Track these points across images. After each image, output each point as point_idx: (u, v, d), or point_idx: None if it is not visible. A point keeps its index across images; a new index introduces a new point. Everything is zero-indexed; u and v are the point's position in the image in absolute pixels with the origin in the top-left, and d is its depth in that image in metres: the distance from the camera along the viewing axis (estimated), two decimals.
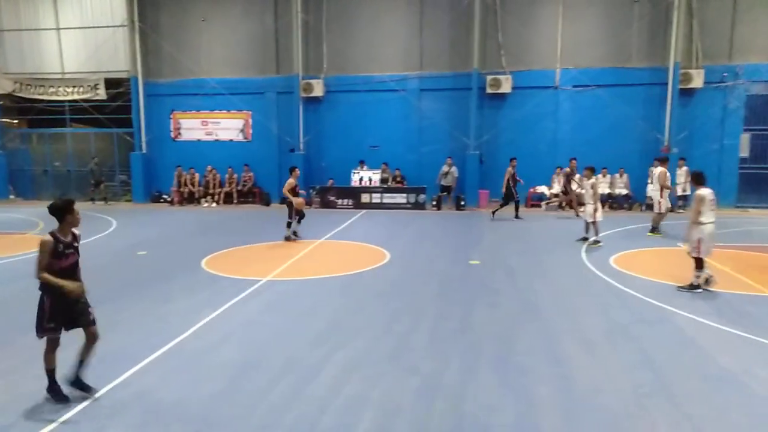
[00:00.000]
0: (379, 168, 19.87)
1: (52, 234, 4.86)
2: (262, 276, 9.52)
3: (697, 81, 18.15)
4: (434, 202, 19.11)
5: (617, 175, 18.79)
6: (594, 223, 12.36)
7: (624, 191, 18.64)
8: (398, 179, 19.84)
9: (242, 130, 21.67)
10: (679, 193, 17.98)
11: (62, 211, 4.91)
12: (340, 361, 5.90)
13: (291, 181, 12.89)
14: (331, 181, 20.07)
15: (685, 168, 17.88)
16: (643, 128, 18.75)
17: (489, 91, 19.25)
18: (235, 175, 21.10)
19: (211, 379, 5.45)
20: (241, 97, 21.24)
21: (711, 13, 18.23)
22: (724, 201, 18.60)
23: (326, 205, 19.51)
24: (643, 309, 7.74)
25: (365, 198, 19.33)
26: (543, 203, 18.92)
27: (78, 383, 5.03)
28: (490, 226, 15.45)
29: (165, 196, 21.60)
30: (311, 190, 19.78)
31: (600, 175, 13.85)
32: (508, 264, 10.63)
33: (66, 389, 5.00)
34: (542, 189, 19.21)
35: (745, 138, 18.54)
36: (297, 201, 12.91)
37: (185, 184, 21.17)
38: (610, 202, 18.35)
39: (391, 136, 20.49)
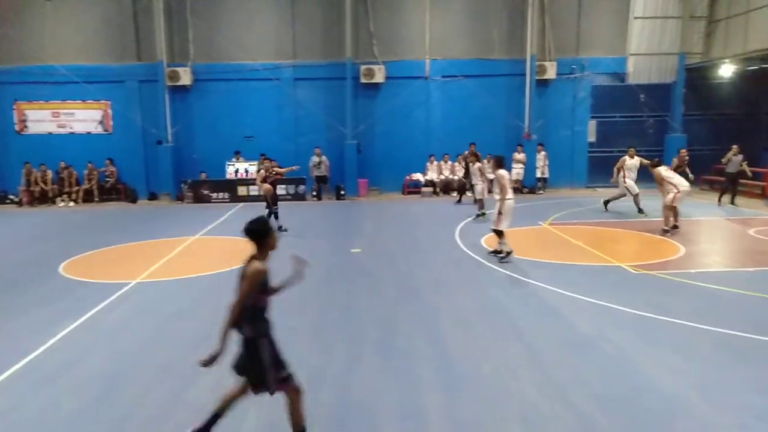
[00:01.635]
0: (256, 159, 19.31)
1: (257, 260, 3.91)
2: (130, 278, 8.86)
3: (551, 72, 19.74)
4: (314, 193, 19.00)
5: (485, 161, 19.91)
6: (481, 200, 13.96)
7: (491, 176, 19.80)
8: (271, 170, 19.39)
9: (101, 122, 19.91)
10: (539, 175, 19.50)
11: (265, 234, 4.01)
12: (222, 362, 5.67)
13: (261, 173, 12.88)
14: (203, 174, 19.14)
15: (543, 153, 19.40)
16: (506, 116, 20.04)
17: (363, 80, 19.45)
18: (96, 171, 19.36)
19: (75, 395, 4.99)
20: (97, 86, 19.45)
21: (560, 10, 19.86)
22: (576, 182, 20.57)
23: (200, 199, 18.60)
24: (512, 285, 8.32)
25: (242, 191, 18.69)
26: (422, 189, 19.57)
27: None
28: (370, 214, 15.69)
29: (12, 197, 19.28)
30: (183, 185, 18.75)
31: (485, 161, 15.19)
32: (389, 250, 10.88)
33: None
34: (417, 176, 19.85)
35: (592, 124, 20.55)
36: (264, 187, 12.65)
37: (36, 183, 19.03)
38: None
39: (266, 126, 19.97)
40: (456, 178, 19.15)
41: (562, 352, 5.79)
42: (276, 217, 12.56)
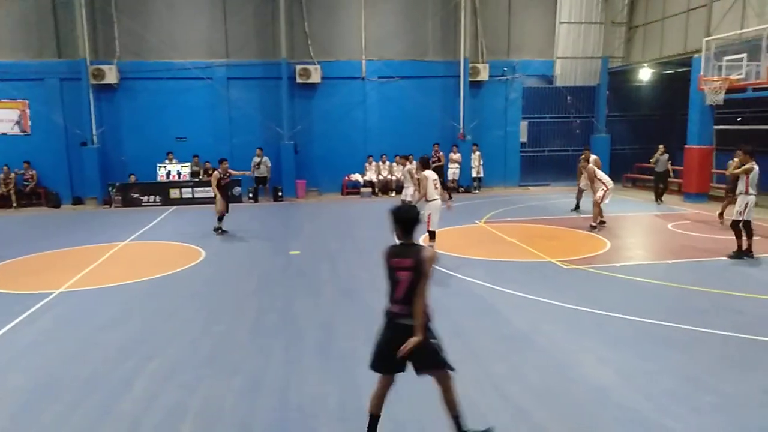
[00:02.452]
0: (189, 161, 18.71)
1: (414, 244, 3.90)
2: (53, 288, 8.37)
3: (484, 74, 20.24)
4: (251, 195, 18.62)
5: (417, 163, 20.16)
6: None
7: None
8: (210, 172, 18.87)
9: (18, 122, 18.68)
10: (474, 175, 19.96)
11: (416, 222, 3.95)
12: (154, 371, 5.46)
13: (215, 174, 12.48)
14: (132, 176, 18.35)
15: (478, 153, 19.87)
16: (442, 117, 20.38)
17: (299, 80, 19.23)
18: (13, 174, 18.13)
19: None
20: (13, 84, 18.24)
21: (491, 14, 20.40)
22: (510, 181, 21.20)
23: (129, 203, 17.81)
24: (449, 283, 8.46)
25: (174, 193, 18.05)
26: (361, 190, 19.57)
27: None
28: (309, 215, 15.55)
29: None
30: (110, 189, 17.89)
31: (417, 162, 14.97)
32: (328, 251, 10.82)
33: None
34: (356, 176, 19.85)
35: (523, 125, 21.23)
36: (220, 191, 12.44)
37: None
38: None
39: (199, 127, 19.37)
40: (394, 178, 19.30)
41: (498, 348, 5.94)
42: (220, 219, 12.55)
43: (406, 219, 3.95)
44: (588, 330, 6.39)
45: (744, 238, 9.33)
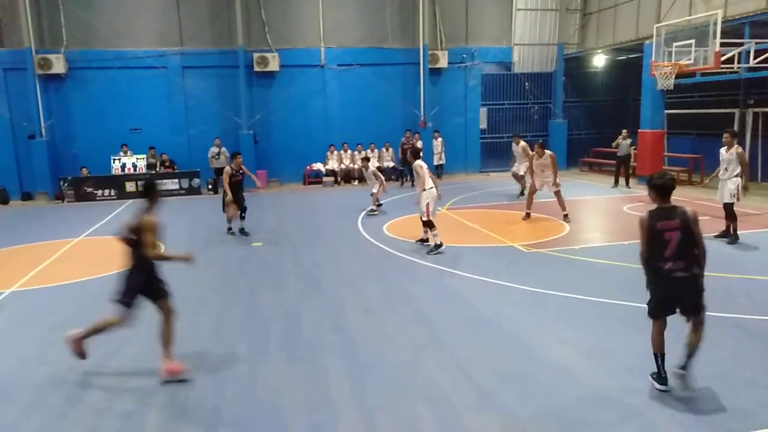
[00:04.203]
0: (144, 153, 18.17)
1: None
2: (4, 288, 8.04)
3: (443, 61, 20.30)
4: (210, 186, 18.23)
5: (383, 149, 20.15)
6: (373, 194, 13.40)
7: (391, 164, 20.08)
8: (167, 164, 18.41)
9: None
10: (436, 162, 20.04)
11: (672, 188, 4.53)
12: (114, 371, 5.32)
13: (227, 170, 11.11)
14: (85, 170, 17.69)
15: (440, 140, 19.93)
16: (402, 104, 20.37)
17: (257, 69, 18.87)
18: None
19: None
20: None
21: (449, 1, 20.43)
22: (470, 167, 21.42)
23: (82, 197, 17.19)
24: (413, 269, 8.51)
25: (130, 187, 17.51)
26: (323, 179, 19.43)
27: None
28: (270, 206, 15.33)
29: None
30: (62, 183, 17.23)
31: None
32: (291, 242, 10.72)
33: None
34: (318, 166, 19.68)
35: (483, 112, 21.44)
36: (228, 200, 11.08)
37: None
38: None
39: (154, 117, 18.81)
40: (356, 167, 19.23)
41: (463, 332, 6.01)
42: (242, 218, 11.47)
43: (661, 185, 4.48)
44: (550, 312, 6.54)
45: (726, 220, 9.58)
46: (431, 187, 9.40)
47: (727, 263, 8.12)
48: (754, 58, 13.41)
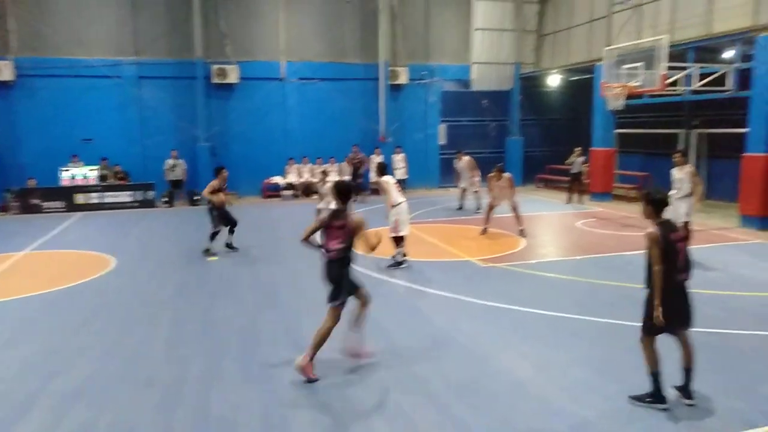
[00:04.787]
0: (96, 164, 17.61)
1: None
2: None
3: (403, 78, 20.56)
4: (165, 199, 17.80)
5: (344, 164, 20.15)
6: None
7: (358, 180, 20.04)
8: (120, 175, 17.89)
9: None
10: (399, 177, 20.11)
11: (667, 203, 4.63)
12: (59, 390, 5.10)
13: (213, 183, 10.72)
14: (32, 180, 16.99)
15: (402, 155, 20.04)
16: (363, 120, 20.48)
17: (215, 80, 18.65)
18: None
19: None
20: None
21: (409, 18, 20.77)
22: (430, 182, 21.65)
23: (29, 209, 16.48)
24: (370, 284, 8.45)
25: (80, 199, 16.91)
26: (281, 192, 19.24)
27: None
28: None
29: None
30: (7, 194, 16.51)
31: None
32: (248, 256, 10.56)
33: None
34: (277, 179, 19.51)
35: (442, 128, 21.77)
36: (218, 198, 10.65)
37: None
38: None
39: (107, 128, 18.27)
40: (316, 180, 19.10)
41: (420, 347, 6.04)
42: (212, 239, 10.70)
43: (660, 200, 4.58)
44: (505, 326, 6.64)
45: None
46: (400, 203, 9.31)
47: None
48: (698, 82, 14.13)
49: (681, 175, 9.69)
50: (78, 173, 17.27)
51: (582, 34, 19.56)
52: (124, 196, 17.34)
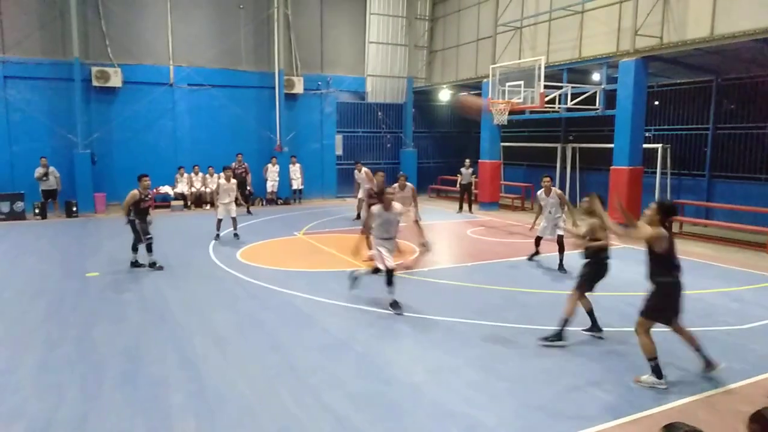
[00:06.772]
0: None
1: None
2: None
3: (299, 87, 20.45)
4: (37, 210, 16.24)
5: (223, 173, 19.48)
6: (234, 218, 12.79)
7: (247, 188, 19.52)
8: None
9: None
10: (295, 187, 19.92)
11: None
12: None
13: (134, 192, 9.77)
14: None
15: (298, 165, 19.83)
16: (257, 128, 20.07)
17: (96, 83, 17.41)
18: None
19: None
20: None
21: (304, 28, 20.73)
22: (327, 192, 21.66)
23: None
24: (267, 296, 8.33)
25: None
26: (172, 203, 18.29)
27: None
28: (109, 232, 14.06)
29: None
30: None
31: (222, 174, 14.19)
32: (133, 271, 9.92)
33: None
34: (166, 189, 18.54)
35: (339, 138, 21.91)
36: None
37: None
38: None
39: None
40: (208, 190, 18.43)
41: (317, 358, 5.99)
42: (149, 250, 9.99)
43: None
44: (400, 332, 6.78)
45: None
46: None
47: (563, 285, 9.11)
48: (571, 100, 15.41)
49: (551, 199, 9.80)
50: None
51: (470, 52, 20.60)
52: None
